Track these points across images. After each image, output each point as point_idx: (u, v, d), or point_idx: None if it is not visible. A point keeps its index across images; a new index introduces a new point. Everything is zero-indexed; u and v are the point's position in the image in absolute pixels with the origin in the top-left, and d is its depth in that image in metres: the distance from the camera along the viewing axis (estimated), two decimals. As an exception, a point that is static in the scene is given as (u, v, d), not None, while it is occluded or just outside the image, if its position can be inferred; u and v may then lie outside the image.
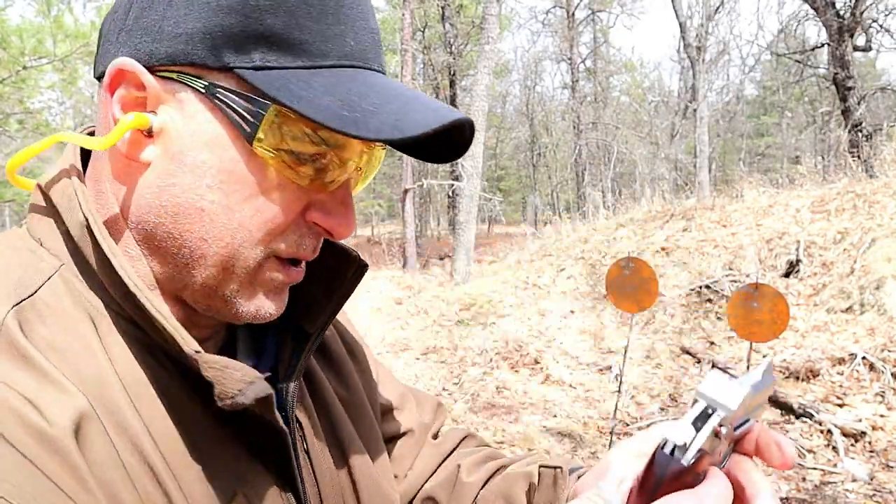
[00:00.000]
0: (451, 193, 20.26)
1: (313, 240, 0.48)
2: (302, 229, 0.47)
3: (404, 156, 10.69)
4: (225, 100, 0.42)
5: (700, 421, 0.38)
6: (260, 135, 0.42)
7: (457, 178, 13.78)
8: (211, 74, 0.42)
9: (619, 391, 4.14)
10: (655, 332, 6.63)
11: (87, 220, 0.43)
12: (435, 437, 0.76)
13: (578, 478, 0.62)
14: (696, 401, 0.39)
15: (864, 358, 4.82)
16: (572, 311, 7.50)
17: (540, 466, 0.66)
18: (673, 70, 53.67)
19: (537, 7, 58.38)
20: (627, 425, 4.55)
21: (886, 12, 11.90)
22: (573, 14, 20.40)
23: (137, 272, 0.46)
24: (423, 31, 19.44)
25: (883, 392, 4.47)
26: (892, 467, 3.64)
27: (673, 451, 0.37)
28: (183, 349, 0.42)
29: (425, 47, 18.99)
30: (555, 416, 4.78)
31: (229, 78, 0.42)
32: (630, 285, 3.93)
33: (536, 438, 4.31)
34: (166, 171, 0.43)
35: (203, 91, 0.42)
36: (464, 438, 0.77)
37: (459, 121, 0.45)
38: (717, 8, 16.89)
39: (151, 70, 0.42)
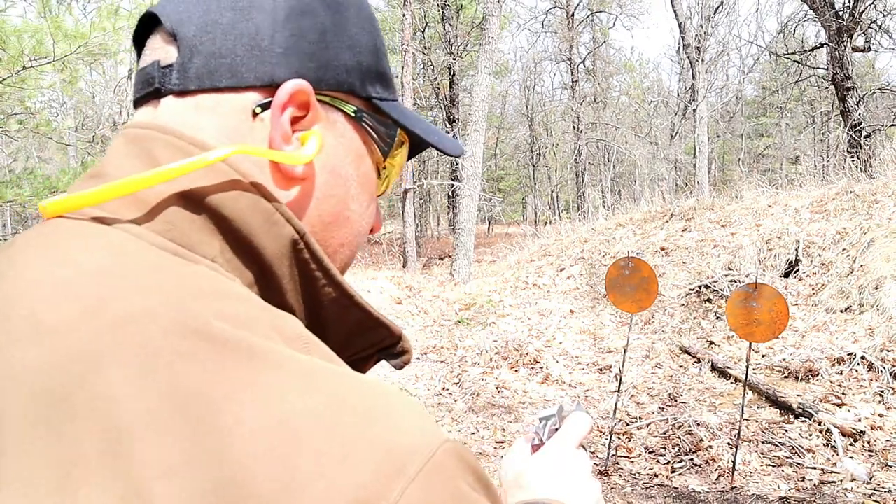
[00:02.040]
0: (451, 193, 20.26)
1: None
2: None
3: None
4: (369, 123, 0.51)
5: (546, 420, 0.72)
6: (390, 152, 0.54)
7: (457, 179, 13.79)
8: (356, 101, 0.50)
9: (618, 391, 4.16)
10: (655, 331, 6.64)
11: (300, 234, 0.44)
12: None
13: None
14: (550, 415, 0.73)
15: (863, 357, 4.83)
16: (572, 311, 7.51)
17: None
18: (672, 70, 53.78)
19: (537, 7, 58.45)
20: (627, 425, 4.56)
21: (885, 13, 11.92)
22: (573, 15, 20.41)
23: None
24: (423, 32, 19.45)
25: (882, 392, 4.49)
26: (890, 467, 3.65)
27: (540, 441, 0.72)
28: (395, 332, 0.51)
29: (425, 47, 18.99)
30: (555, 415, 4.79)
31: (366, 105, 0.51)
32: (630, 285, 3.94)
33: (536, 438, 4.32)
34: (325, 184, 0.49)
35: (353, 115, 0.50)
36: None
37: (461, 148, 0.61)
38: (717, 8, 16.91)
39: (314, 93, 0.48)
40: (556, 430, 0.72)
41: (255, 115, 0.46)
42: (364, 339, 0.50)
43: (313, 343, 0.40)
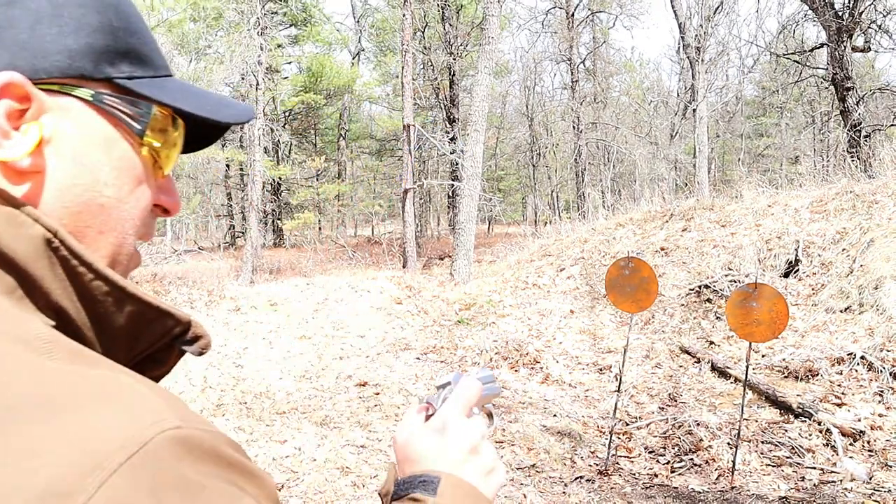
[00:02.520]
0: (451, 193, 20.26)
1: (155, 221, 0.57)
2: (153, 213, 0.55)
3: (405, 157, 10.60)
4: (112, 105, 0.49)
5: (442, 389, 0.71)
6: (147, 132, 0.51)
7: (457, 179, 13.78)
8: (92, 84, 0.48)
9: (618, 391, 4.16)
10: (655, 331, 6.64)
11: (52, 232, 0.43)
12: None
13: None
14: (447, 383, 0.72)
15: (862, 357, 4.83)
16: (572, 311, 7.51)
17: None
18: (672, 70, 53.89)
19: (537, 7, 58.51)
20: (627, 424, 4.56)
21: (885, 13, 11.92)
22: (573, 15, 20.41)
23: None
24: (423, 32, 19.46)
25: (881, 391, 4.49)
26: (890, 466, 3.65)
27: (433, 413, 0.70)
28: (181, 319, 0.49)
29: (425, 47, 19.00)
30: (554, 415, 4.79)
31: (108, 87, 0.49)
32: (630, 285, 3.94)
33: (536, 438, 4.32)
34: (66, 174, 0.47)
35: (90, 99, 0.48)
36: None
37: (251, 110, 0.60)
38: (717, 8, 16.90)
39: (35, 83, 0.46)
40: None
41: None
42: (151, 332, 0.49)
43: (58, 342, 0.39)
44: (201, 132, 0.60)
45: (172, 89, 0.53)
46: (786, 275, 6.81)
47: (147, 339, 0.49)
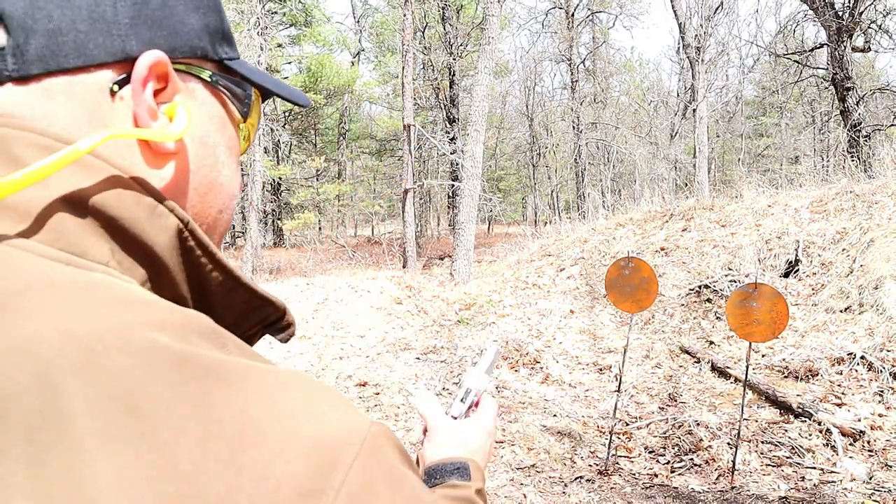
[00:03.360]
0: (451, 193, 20.26)
1: None
2: None
3: (405, 157, 10.60)
4: (226, 86, 0.50)
5: (466, 396, 0.80)
6: (249, 113, 0.53)
7: (457, 179, 13.80)
8: (209, 65, 0.49)
9: (618, 391, 4.16)
10: (655, 331, 6.64)
11: (184, 223, 0.43)
12: None
13: None
14: (466, 388, 0.81)
15: (862, 357, 4.83)
16: (572, 311, 7.51)
17: None
18: (672, 70, 53.92)
19: (537, 8, 58.54)
20: (627, 425, 4.56)
21: (885, 13, 11.92)
22: (573, 15, 20.41)
23: None
24: (423, 32, 19.46)
25: (881, 391, 4.49)
26: (890, 466, 3.65)
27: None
28: (280, 307, 0.50)
29: (425, 47, 19.00)
30: (554, 415, 4.79)
31: (218, 68, 0.50)
32: (630, 285, 3.94)
33: (536, 438, 4.32)
34: (196, 155, 0.47)
35: (209, 80, 0.48)
36: None
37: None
38: (717, 8, 16.90)
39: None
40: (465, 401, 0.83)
41: (112, 93, 0.42)
42: (253, 318, 0.49)
43: (226, 337, 0.39)
44: None
45: (255, 71, 0.53)
46: (786, 275, 6.81)
47: (246, 325, 0.50)
